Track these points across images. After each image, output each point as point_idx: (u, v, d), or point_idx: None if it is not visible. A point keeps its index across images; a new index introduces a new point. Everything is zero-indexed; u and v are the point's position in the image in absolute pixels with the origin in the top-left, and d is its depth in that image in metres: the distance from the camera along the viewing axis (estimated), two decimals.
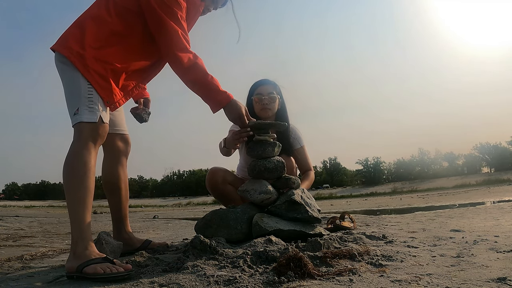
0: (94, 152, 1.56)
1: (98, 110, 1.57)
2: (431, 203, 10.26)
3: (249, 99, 2.46)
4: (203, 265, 1.32)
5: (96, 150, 1.59)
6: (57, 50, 1.62)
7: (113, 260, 1.36)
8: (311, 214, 1.89)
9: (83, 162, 1.51)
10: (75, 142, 1.55)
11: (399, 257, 1.45)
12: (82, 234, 1.43)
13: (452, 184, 40.91)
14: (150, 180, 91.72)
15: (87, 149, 1.54)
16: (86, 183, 1.49)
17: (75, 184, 1.49)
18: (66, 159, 1.54)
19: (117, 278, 1.27)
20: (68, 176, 1.51)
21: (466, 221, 3.11)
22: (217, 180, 2.37)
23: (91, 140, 1.55)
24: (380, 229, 2.48)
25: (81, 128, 1.55)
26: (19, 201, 67.35)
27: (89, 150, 1.54)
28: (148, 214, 10.55)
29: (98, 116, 1.56)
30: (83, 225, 1.44)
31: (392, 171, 73.64)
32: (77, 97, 1.56)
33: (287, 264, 1.21)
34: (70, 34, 1.63)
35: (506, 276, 1.11)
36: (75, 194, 1.48)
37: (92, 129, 1.55)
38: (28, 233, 3.65)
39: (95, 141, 1.56)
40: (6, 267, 1.70)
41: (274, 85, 2.44)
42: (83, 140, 1.54)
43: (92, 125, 1.55)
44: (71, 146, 1.55)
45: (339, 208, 10.50)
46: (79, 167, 1.50)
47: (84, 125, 1.55)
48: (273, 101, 2.37)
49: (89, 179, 1.51)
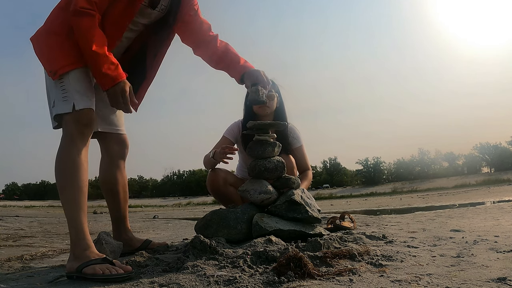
0: (82, 145, 1.50)
1: (71, 98, 1.49)
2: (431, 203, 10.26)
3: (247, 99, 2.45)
4: (203, 265, 1.32)
5: (85, 141, 1.52)
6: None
7: (112, 260, 1.35)
8: (311, 214, 1.89)
9: (71, 161, 1.47)
10: (62, 137, 1.51)
11: (399, 257, 1.45)
12: (80, 234, 1.42)
13: (452, 184, 40.92)
14: (150, 180, 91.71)
15: (73, 144, 1.49)
16: (76, 183, 1.46)
17: (66, 185, 1.46)
18: (56, 157, 1.51)
19: (117, 279, 1.27)
20: (58, 177, 1.49)
21: (466, 221, 3.11)
22: (218, 182, 2.36)
23: (76, 132, 1.49)
24: (380, 229, 2.48)
25: (63, 121, 1.51)
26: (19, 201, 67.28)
27: (75, 145, 1.49)
28: (148, 214, 10.55)
29: (72, 104, 1.49)
30: (79, 226, 1.43)
31: (392, 171, 73.62)
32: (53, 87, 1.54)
33: (287, 264, 1.21)
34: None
35: (506, 276, 1.11)
36: (67, 195, 1.46)
37: (73, 120, 1.49)
38: (28, 233, 3.65)
39: (80, 132, 1.50)
40: (6, 267, 1.70)
41: (272, 84, 2.44)
42: (68, 135, 1.50)
43: (70, 115, 1.49)
44: (60, 141, 1.52)
45: (339, 208, 10.50)
46: (68, 166, 1.47)
47: (63, 117, 1.50)
48: (271, 99, 2.37)
49: (79, 178, 1.47)
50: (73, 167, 1.47)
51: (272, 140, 2.01)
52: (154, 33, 1.84)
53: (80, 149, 1.50)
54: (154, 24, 1.82)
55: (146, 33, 1.83)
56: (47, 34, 1.59)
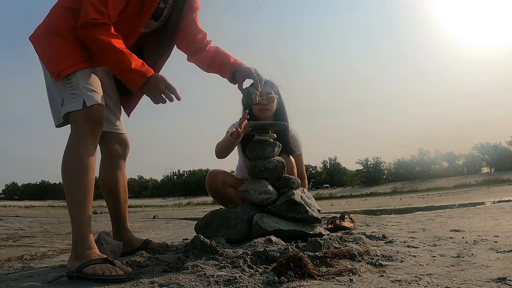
0: (91, 144, 1.49)
1: (81, 94, 1.47)
2: (431, 203, 10.27)
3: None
4: (203, 265, 1.32)
5: (95, 140, 1.51)
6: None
7: (113, 261, 1.35)
8: (311, 214, 1.89)
9: (79, 161, 1.45)
10: (70, 134, 1.49)
11: (399, 257, 1.45)
12: (82, 235, 1.42)
13: (452, 184, 40.92)
14: (150, 180, 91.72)
15: (82, 143, 1.47)
16: (84, 184, 1.45)
17: (73, 185, 1.45)
18: (63, 155, 1.50)
19: (116, 280, 1.27)
20: (66, 176, 1.47)
21: (466, 221, 3.11)
22: (217, 184, 2.36)
23: (86, 130, 1.47)
24: (380, 229, 2.48)
25: (72, 118, 1.49)
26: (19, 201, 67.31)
27: (85, 143, 1.47)
28: (148, 214, 10.55)
29: (82, 100, 1.47)
30: (83, 226, 1.43)
31: (392, 171, 73.64)
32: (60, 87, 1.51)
33: (287, 264, 1.21)
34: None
35: (506, 276, 1.11)
36: (73, 196, 1.45)
37: (83, 117, 1.47)
38: (28, 233, 3.65)
39: (90, 130, 1.48)
40: (6, 267, 1.70)
41: (271, 85, 2.43)
42: (77, 133, 1.47)
43: (80, 113, 1.47)
44: (68, 139, 1.50)
45: (339, 208, 10.50)
46: (76, 166, 1.45)
47: (73, 114, 1.48)
48: (271, 101, 2.36)
49: (87, 179, 1.46)
50: (81, 166, 1.45)
51: (272, 140, 2.01)
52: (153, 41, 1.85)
53: (89, 148, 1.48)
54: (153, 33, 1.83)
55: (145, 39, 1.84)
56: (49, 34, 1.57)
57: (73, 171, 1.46)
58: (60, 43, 1.53)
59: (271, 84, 2.44)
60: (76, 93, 1.48)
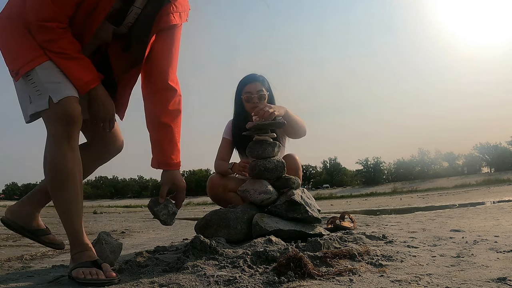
0: (67, 148, 1.31)
1: (46, 91, 1.29)
2: (431, 203, 10.27)
3: (238, 97, 2.44)
4: (203, 265, 1.32)
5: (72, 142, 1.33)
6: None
7: (101, 265, 1.31)
8: (311, 214, 1.89)
9: (56, 170, 1.32)
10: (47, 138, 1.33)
11: (399, 257, 1.45)
12: (75, 240, 1.38)
13: (452, 184, 40.90)
14: (150, 180, 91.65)
15: (58, 146, 1.31)
16: (64, 196, 1.34)
17: (55, 197, 1.37)
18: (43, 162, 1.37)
19: (97, 284, 1.23)
20: (48, 187, 1.38)
21: (466, 221, 3.11)
22: (217, 189, 2.38)
23: (59, 132, 1.30)
24: (380, 229, 2.48)
25: (44, 119, 1.33)
26: None
27: (59, 149, 1.31)
28: (148, 214, 10.53)
29: (48, 97, 1.29)
30: (74, 232, 1.38)
31: (392, 171, 73.71)
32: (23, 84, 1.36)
33: (287, 264, 1.21)
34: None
35: (506, 276, 1.11)
36: (59, 205, 1.37)
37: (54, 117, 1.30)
38: None
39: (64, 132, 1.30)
40: (6, 267, 1.70)
41: (262, 81, 2.41)
42: (51, 136, 1.32)
43: (49, 112, 1.30)
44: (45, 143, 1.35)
45: (339, 208, 10.50)
46: (53, 177, 1.34)
47: (43, 115, 1.32)
48: (263, 98, 2.36)
49: (67, 189, 1.33)
50: (59, 176, 1.32)
51: (272, 140, 2.01)
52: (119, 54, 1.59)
53: (65, 155, 1.31)
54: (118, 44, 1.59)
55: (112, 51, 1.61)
56: (6, 20, 1.37)
57: (52, 183, 1.35)
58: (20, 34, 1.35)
59: (261, 80, 2.42)
60: (40, 89, 1.31)
